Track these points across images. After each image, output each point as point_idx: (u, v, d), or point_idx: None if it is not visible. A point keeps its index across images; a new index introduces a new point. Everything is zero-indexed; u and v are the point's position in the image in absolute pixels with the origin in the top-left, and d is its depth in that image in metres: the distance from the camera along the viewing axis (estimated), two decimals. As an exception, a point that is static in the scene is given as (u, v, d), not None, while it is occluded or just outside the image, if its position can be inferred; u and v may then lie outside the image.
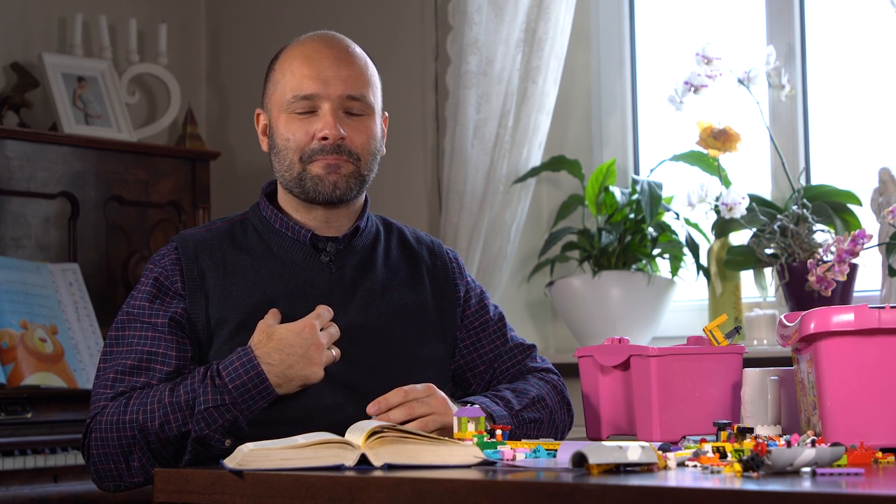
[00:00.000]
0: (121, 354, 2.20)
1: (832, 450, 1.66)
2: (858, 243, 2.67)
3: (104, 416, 2.14)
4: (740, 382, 2.16)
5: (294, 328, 2.14)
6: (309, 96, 2.23)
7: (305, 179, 2.24)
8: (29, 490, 3.32)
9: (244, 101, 4.34)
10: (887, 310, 1.87)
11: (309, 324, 2.15)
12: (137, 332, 2.20)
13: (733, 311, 3.35)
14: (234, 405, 2.10)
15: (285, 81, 2.26)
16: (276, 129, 2.27)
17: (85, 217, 3.76)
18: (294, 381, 2.13)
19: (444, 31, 3.82)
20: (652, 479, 1.63)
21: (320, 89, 2.23)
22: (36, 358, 3.41)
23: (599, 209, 3.51)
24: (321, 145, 2.22)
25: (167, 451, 2.11)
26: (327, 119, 2.23)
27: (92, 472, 2.17)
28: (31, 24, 4.04)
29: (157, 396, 2.12)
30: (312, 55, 2.26)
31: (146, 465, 2.12)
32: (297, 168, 2.24)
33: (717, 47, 3.28)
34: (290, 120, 2.25)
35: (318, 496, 1.76)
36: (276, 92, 2.28)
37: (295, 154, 2.24)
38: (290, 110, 2.25)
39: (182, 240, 2.28)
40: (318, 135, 2.23)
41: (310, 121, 2.24)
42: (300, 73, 2.25)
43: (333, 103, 2.24)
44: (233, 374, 2.10)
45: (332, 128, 2.22)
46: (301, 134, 2.24)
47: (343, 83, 2.24)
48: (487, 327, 2.40)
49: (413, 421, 2.08)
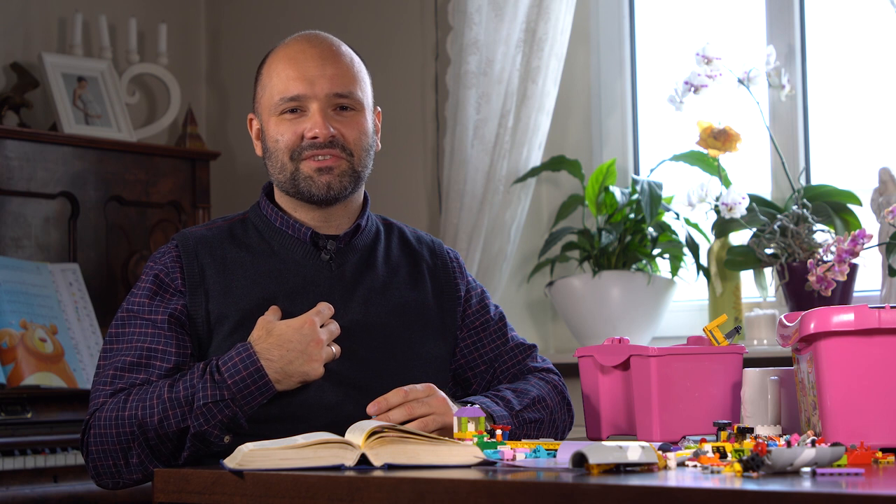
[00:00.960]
0: (120, 351, 2.20)
1: (832, 450, 1.66)
2: (858, 243, 2.67)
3: (103, 413, 2.14)
4: (740, 382, 2.16)
5: (294, 324, 2.14)
6: (296, 97, 2.24)
7: (298, 179, 2.25)
8: (29, 490, 3.31)
9: (244, 101, 4.33)
10: (887, 310, 1.87)
11: (309, 320, 2.15)
12: (137, 329, 2.20)
13: (733, 311, 3.34)
14: (233, 401, 2.09)
15: (272, 85, 2.27)
16: (266, 132, 2.29)
17: (85, 217, 3.76)
18: (293, 378, 2.13)
19: (444, 32, 3.82)
20: (652, 479, 1.63)
21: (306, 89, 2.24)
22: (36, 358, 3.41)
23: (599, 209, 3.51)
24: (311, 142, 2.23)
25: (166, 447, 2.11)
26: (316, 118, 2.23)
27: (90, 469, 2.16)
28: (31, 24, 4.04)
29: (156, 392, 2.12)
30: (296, 56, 2.27)
31: (145, 462, 2.12)
32: (289, 168, 2.25)
33: (718, 47, 3.28)
34: (279, 122, 2.26)
35: (318, 496, 1.75)
36: (264, 96, 2.29)
37: (285, 154, 2.25)
38: (279, 112, 2.26)
39: (182, 237, 2.29)
40: (307, 134, 2.23)
41: (298, 121, 2.25)
42: (285, 74, 2.25)
43: (321, 102, 2.24)
44: (232, 370, 2.10)
45: (321, 126, 2.23)
46: (290, 134, 2.25)
47: (329, 81, 2.25)
48: (488, 327, 2.40)
49: (413, 421, 2.08)
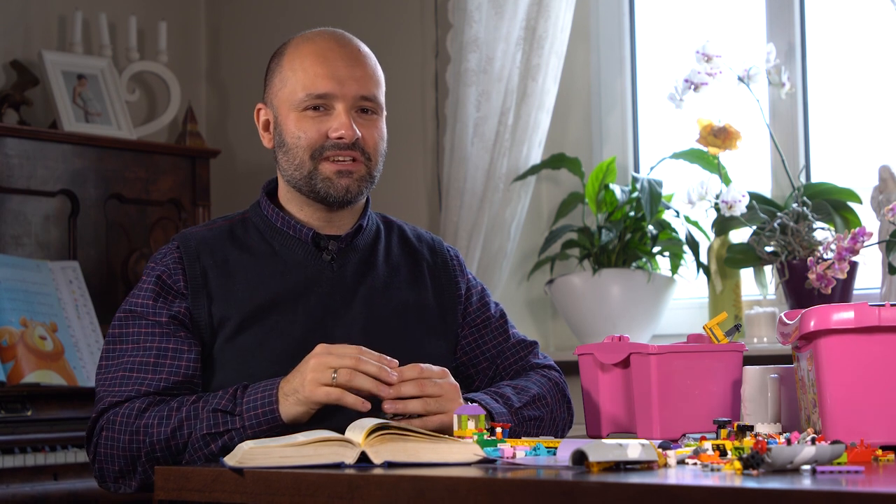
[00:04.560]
0: (127, 351, 2.18)
1: (832, 448, 1.66)
2: (858, 241, 2.67)
3: (118, 417, 2.11)
4: (740, 380, 2.16)
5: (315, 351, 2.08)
6: (323, 95, 2.22)
7: (316, 179, 2.23)
8: (29, 488, 3.32)
9: (244, 98, 4.34)
10: (887, 308, 1.87)
11: (325, 347, 2.08)
12: (144, 330, 2.19)
13: (733, 308, 3.34)
14: (243, 430, 2.07)
15: (296, 79, 2.24)
16: (284, 126, 2.26)
17: (85, 215, 3.76)
18: (289, 397, 2.06)
19: (444, 29, 3.82)
20: (652, 476, 1.63)
21: (335, 89, 2.23)
22: (36, 356, 3.41)
23: (599, 207, 3.51)
24: (335, 142, 2.22)
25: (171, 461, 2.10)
26: (343, 119, 2.22)
27: (95, 470, 2.15)
28: (31, 21, 4.04)
29: (175, 405, 2.10)
30: (326, 54, 2.25)
31: (149, 473, 2.10)
32: (307, 166, 2.23)
33: (718, 45, 3.28)
34: (301, 118, 2.24)
35: (318, 494, 1.75)
36: (284, 88, 2.26)
37: (306, 152, 2.23)
38: (302, 108, 2.24)
39: (184, 239, 2.27)
40: (332, 134, 2.22)
41: (322, 119, 2.23)
42: (313, 71, 2.23)
43: (347, 103, 2.23)
44: (250, 405, 2.08)
45: (348, 128, 2.21)
46: (313, 132, 2.23)
47: (357, 83, 2.24)
48: (489, 324, 2.39)
49: (420, 398, 2.07)
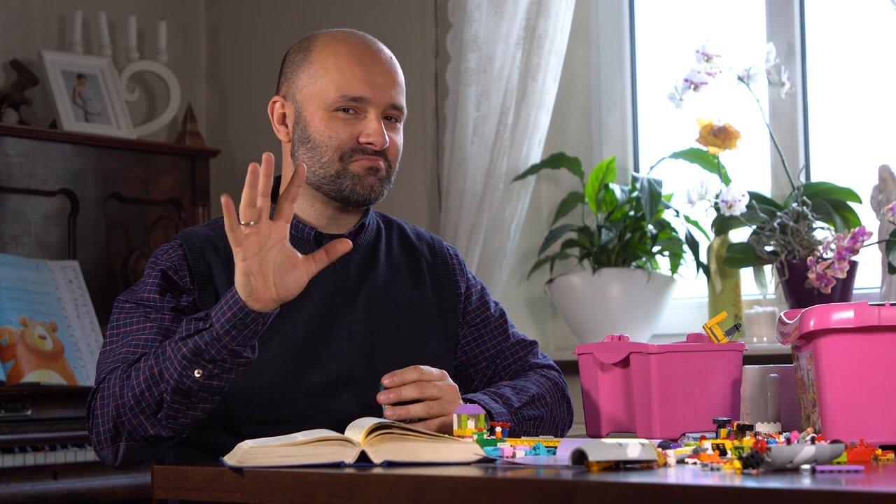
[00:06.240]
0: (131, 332, 2.14)
1: (832, 447, 1.66)
2: (858, 240, 2.67)
3: (113, 376, 2.07)
4: (740, 380, 2.16)
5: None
6: (358, 98, 2.22)
7: (344, 178, 2.22)
8: (29, 487, 3.32)
9: (244, 98, 4.34)
10: (887, 307, 1.87)
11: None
12: (152, 314, 2.16)
13: (733, 308, 3.35)
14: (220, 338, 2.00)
15: (331, 78, 2.23)
16: (310, 123, 2.24)
17: (85, 214, 3.76)
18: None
19: (443, 29, 3.82)
20: (652, 476, 1.63)
21: (370, 94, 2.22)
22: (36, 355, 3.41)
23: (599, 206, 3.51)
24: (363, 147, 2.22)
25: (163, 406, 2.03)
26: (375, 126, 2.22)
27: (93, 437, 2.10)
28: (31, 21, 4.04)
29: (161, 351, 2.04)
30: (362, 57, 2.25)
31: (132, 443, 2.05)
32: (336, 166, 2.22)
33: (717, 44, 3.28)
34: (331, 118, 2.23)
35: (318, 493, 1.75)
36: (313, 85, 2.24)
37: (335, 153, 2.22)
38: (333, 108, 2.23)
39: (186, 237, 2.27)
40: (362, 139, 2.22)
41: (353, 122, 2.22)
42: (350, 73, 2.23)
43: (379, 109, 2.23)
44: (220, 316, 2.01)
45: (379, 135, 2.22)
46: (345, 134, 2.22)
47: (390, 92, 2.25)
48: (489, 324, 2.39)
49: (421, 402, 2.07)
